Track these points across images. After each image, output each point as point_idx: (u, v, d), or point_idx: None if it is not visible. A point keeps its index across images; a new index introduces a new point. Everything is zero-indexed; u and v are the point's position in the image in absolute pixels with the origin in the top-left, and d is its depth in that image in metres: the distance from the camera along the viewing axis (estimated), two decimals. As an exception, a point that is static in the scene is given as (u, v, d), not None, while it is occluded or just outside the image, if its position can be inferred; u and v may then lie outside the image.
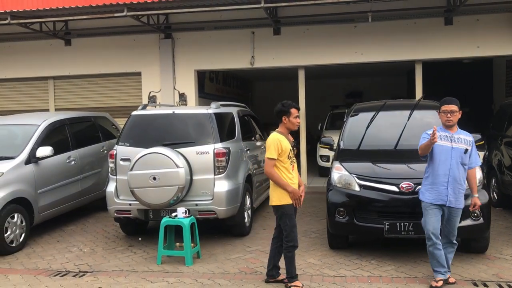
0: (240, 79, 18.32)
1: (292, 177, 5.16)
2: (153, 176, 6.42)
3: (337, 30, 11.06)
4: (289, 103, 5.22)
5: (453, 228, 5.18)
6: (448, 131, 5.16)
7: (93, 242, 7.29)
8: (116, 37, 11.90)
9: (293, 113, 5.15)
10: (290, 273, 5.19)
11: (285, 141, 5.11)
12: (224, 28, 11.45)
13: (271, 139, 5.12)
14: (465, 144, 5.13)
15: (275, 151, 5.03)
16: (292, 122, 5.16)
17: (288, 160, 5.12)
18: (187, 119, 6.98)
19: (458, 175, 5.08)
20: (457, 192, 5.09)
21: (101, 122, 9.65)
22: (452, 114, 5.09)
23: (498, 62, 14.65)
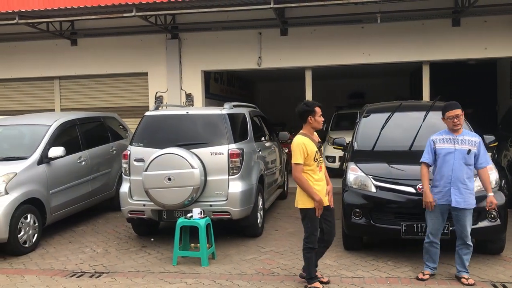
0: (243, 79, 18.33)
1: (318, 178, 5.09)
2: (168, 177, 6.41)
3: (344, 31, 11.08)
4: (312, 102, 5.19)
5: (464, 228, 5.17)
6: (451, 134, 5.27)
7: (105, 242, 7.27)
8: (122, 37, 11.91)
9: (317, 112, 5.09)
10: (309, 274, 5.20)
11: (310, 144, 5.05)
12: (231, 29, 11.47)
13: (295, 143, 5.04)
14: (469, 145, 5.18)
15: (301, 156, 4.97)
16: (318, 121, 5.10)
17: (314, 162, 5.05)
18: (201, 119, 6.97)
19: (462, 175, 5.14)
20: (463, 192, 5.13)
21: (110, 123, 9.63)
22: (458, 118, 5.21)
23: (502, 63, 14.69)
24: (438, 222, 5.28)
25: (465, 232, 5.18)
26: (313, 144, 5.06)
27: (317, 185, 5.05)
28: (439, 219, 5.27)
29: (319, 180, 5.09)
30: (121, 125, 9.99)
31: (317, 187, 5.04)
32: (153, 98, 11.91)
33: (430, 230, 5.33)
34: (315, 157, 5.03)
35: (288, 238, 7.19)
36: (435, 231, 5.30)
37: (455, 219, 5.23)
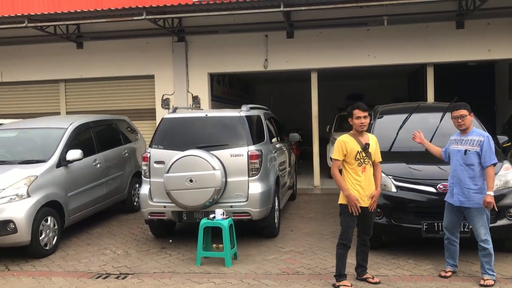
0: (242, 81, 18.42)
1: (360, 179, 5.19)
2: (190, 178, 6.50)
3: (350, 33, 11.23)
4: (353, 105, 5.32)
5: (474, 228, 5.25)
6: (460, 135, 5.45)
7: (124, 244, 7.33)
8: (128, 40, 11.95)
9: (355, 114, 5.22)
10: (338, 271, 5.31)
11: (352, 143, 5.20)
12: (237, 32, 11.57)
13: (337, 140, 5.30)
14: (469, 145, 5.27)
15: (339, 152, 5.19)
16: (355, 123, 5.25)
17: (356, 161, 5.17)
18: (220, 122, 7.07)
19: (463, 175, 5.26)
20: (466, 192, 5.23)
21: (121, 125, 9.69)
22: (463, 119, 5.34)
23: (500, 64, 14.93)
24: (451, 219, 5.41)
25: (476, 232, 5.24)
26: (356, 144, 5.20)
27: (357, 185, 5.17)
28: (451, 216, 5.41)
29: (360, 181, 5.19)
30: (128, 127, 10.03)
31: (357, 187, 5.16)
32: (160, 101, 11.97)
33: (444, 226, 5.52)
34: (356, 157, 5.16)
35: (305, 238, 7.30)
36: (449, 228, 5.44)
37: (467, 218, 5.34)
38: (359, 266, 5.51)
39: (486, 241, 5.21)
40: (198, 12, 10.13)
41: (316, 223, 8.16)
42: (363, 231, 5.40)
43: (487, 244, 5.21)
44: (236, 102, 16.24)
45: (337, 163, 5.23)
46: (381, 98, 18.02)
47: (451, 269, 5.49)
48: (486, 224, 5.25)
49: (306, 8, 9.65)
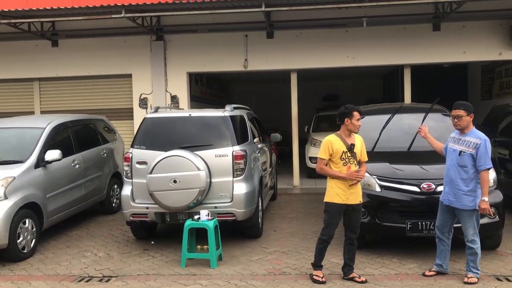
0: (220, 81, 18.34)
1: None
2: (174, 179, 6.41)
3: (329, 34, 11.29)
4: (351, 106, 5.43)
5: (463, 228, 5.30)
6: (459, 134, 5.44)
7: (105, 246, 7.18)
8: (105, 38, 11.73)
9: (355, 116, 5.35)
10: (315, 262, 5.52)
11: (338, 143, 5.32)
12: (217, 31, 11.49)
13: (324, 140, 5.40)
14: (465, 146, 5.25)
15: (325, 152, 5.31)
16: (354, 124, 5.36)
17: (341, 161, 5.31)
18: (204, 122, 7.01)
19: (455, 176, 5.27)
20: (456, 193, 5.25)
21: (99, 125, 9.51)
22: (459, 119, 5.30)
23: (473, 67, 15.30)
24: (443, 219, 5.46)
25: (464, 232, 5.31)
26: (342, 144, 5.32)
27: (341, 184, 5.29)
28: (444, 216, 5.45)
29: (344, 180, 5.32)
30: (105, 127, 9.84)
31: (341, 186, 5.29)
32: (138, 100, 11.80)
33: (436, 224, 5.57)
34: (341, 156, 5.28)
35: (288, 238, 7.30)
36: (440, 227, 5.49)
37: (458, 217, 5.41)
38: (345, 265, 5.56)
39: (473, 241, 5.28)
40: (178, 10, 10.01)
41: (298, 223, 8.17)
42: (350, 229, 5.47)
43: (474, 244, 5.28)
44: (213, 102, 16.17)
45: (323, 162, 5.33)
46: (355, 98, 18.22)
47: (436, 269, 5.53)
48: (475, 225, 5.30)
49: (287, 9, 9.65)
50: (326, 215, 5.42)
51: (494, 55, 10.96)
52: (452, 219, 5.48)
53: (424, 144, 6.65)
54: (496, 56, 10.97)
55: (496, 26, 10.85)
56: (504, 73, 12.86)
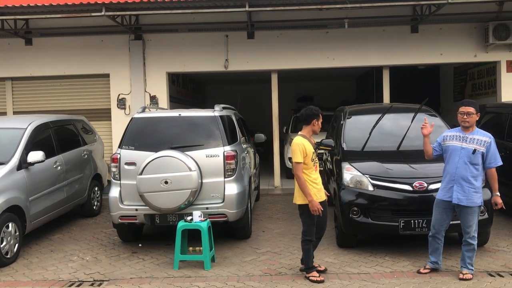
0: (195, 82, 18.20)
1: (315, 178, 5.51)
2: (165, 180, 6.29)
3: (309, 35, 11.35)
4: (317, 108, 5.57)
5: (467, 225, 5.35)
6: (462, 132, 5.43)
7: (91, 250, 6.99)
8: (81, 37, 11.46)
9: (321, 118, 5.56)
10: (307, 264, 5.55)
11: (309, 144, 5.43)
12: (197, 31, 11.38)
13: (295, 143, 5.38)
14: (477, 145, 5.30)
15: (301, 155, 5.32)
16: (319, 126, 5.58)
17: (311, 162, 5.43)
18: (194, 121, 6.90)
19: (466, 174, 5.29)
20: (466, 191, 5.27)
21: (79, 126, 9.26)
22: (469, 116, 5.34)
23: (444, 68, 15.67)
24: (441, 218, 5.47)
25: (467, 229, 5.34)
26: (310, 145, 5.43)
27: (315, 183, 5.45)
28: (442, 214, 5.47)
29: (316, 179, 5.49)
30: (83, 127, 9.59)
31: (314, 185, 5.43)
32: (116, 101, 11.56)
33: (433, 223, 5.57)
34: (312, 157, 5.41)
35: (278, 238, 7.28)
36: (438, 226, 5.51)
37: (459, 215, 5.42)
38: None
39: (474, 237, 5.37)
40: (159, 9, 9.88)
41: (285, 224, 8.16)
42: (320, 226, 5.61)
43: (474, 240, 5.37)
44: (189, 103, 16.03)
45: (300, 166, 5.34)
46: (330, 100, 18.44)
47: (431, 266, 5.59)
48: (477, 222, 5.40)
49: (272, 9, 9.65)
50: (305, 217, 5.46)
51: (469, 57, 11.24)
52: (450, 218, 5.52)
53: (413, 144, 6.80)
54: (472, 58, 11.26)
55: (472, 29, 11.13)
56: (477, 74, 13.23)
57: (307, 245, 5.47)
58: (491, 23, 10.69)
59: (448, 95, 15.62)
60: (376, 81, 15.89)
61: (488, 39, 10.75)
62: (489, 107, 9.32)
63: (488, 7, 10.73)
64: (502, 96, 11.14)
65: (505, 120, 8.17)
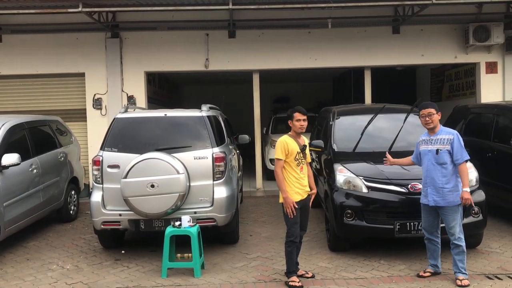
0: (171, 82, 17.82)
1: (299, 177, 5.40)
2: (151, 183, 5.99)
3: (291, 35, 11.19)
4: (293, 108, 5.54)
5: (449, 226, 5.27)
6: (428, 135, 5.47)
7: (70, 258, 6.62)
8: (55, 34, 11.00)
9: (295, 117, 5.43)
10: (289, 268, 5.42)
11: (293, 143, 5.39)
12: (176, 29, 11.07)
13: (278, 141, 5.44)
14: (440, 144, 5.30)
15: (282, 152, 5.33)
16: (295, 125, 5.47)
17: (295, 161, 5.36)
18: (181, 122, 6.62)
19: (436, 175, 5.28)
20: (440, 191, 5.25)
21: (54, 127, 8.82)
22: (430, 116, 5.36)
23: (421, 70, 15.77)
24: (429, 220, 5.43)
25: (451, 230, 5.27)
26: (296, 145, 5.40)
27: (297, 183, 5.36)
28: (428, 217, 5.42)
29: (299, 178, 5.40)
30: (64, 130, 9.19)
31: (297, 184, 5.36)
32: (91, 101, 11.12)
33: (423, 227, 5.54)
34: (296, 157, 5.35)
35: (267, 243, 7.06)
36: (428, 228, 5.45)
37: (441, 217, 5.37)
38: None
39: (460, 239, 5.26)
40: (139, 6, 9.53)
41: (272, 227, 7.95)
42: (302, 227, 5.49)
43: (461, 241, 5.27)
44: (165, 103, 15.64)
45: (280, 162, 5.33)
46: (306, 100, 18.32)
47: (431, 269, 5.49)
48: (460, 222, 5.31)
49: (256, 7, 9.44)
50: (287, 216, 5.33)
51: (450, 58, 11.29)
52: (438, 218, 5.46)
53: (404, 145, 6.70)
54: (452, 59, 11.31)
55: (452, 30, 11.18)
56: (454, 76, 13.33)
57: (290, 247, 5.35)
58: (471, 24, 10.75)
59: (425, 96, 15.68)
60: (354, 82, 15.88)
61: (468, 41, 10.81)
62: (472, 108, 9.35)
63: (468, 9, 10.80)
64: (481, 97, 11.22)
65: (491, 121, 8.17)
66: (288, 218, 5.32)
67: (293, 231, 5.33)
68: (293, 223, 5.32)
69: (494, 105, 8.45)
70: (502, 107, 8.03)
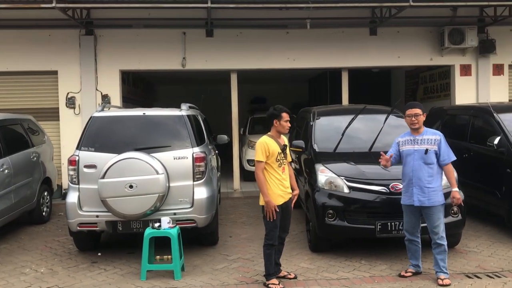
0: (145, 81, 17.56)
1: (281, 178, 5.29)
2: (130, 184, 5.85)
3: (269, 35, 11.12)
4: (280, 107, 5.40)
5: (433, 226, 5.30)
6: (412, 135, 5.44)
7: (44, 261, 6.40)
8: (26, 31, 10.63)
9: (284, 117, 5.33)
10: (268, 271, 5.31)
11: (273, 144, 5.26)
12: (152, 27, 10.88)
13: (258, 142, 5.28)
14: (428, 144, 5.32)
15: (263, 154, 5.19)
16: (283, 126, 5.34)
17: (277, 162, 5.25)
18: (160, 121, 6.47)
19: (422, 175, 5.28)
20: (426, 191, 5.26)
21: (27, 126, 8.55)
22: (417, 117, 5.36)
23: (396, 72, 15.97)
24: (411, 221, 5.43)
25: (434, 230, 5.29)
26: (276, 145, 5.28)
27: (279, 184, 5.25)
28: (411, 218, 5.43)
29: (281, 179, 5.29)
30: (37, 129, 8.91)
31: (280, 186, 5.26)
32: (64, 99, 10.83)
33: (405, 228, 5.53)
34: (277, 158, 5.23)
35: (247, 244, 6.98)
36: (410, 229, 5.46)
37: (424, 217, 5.37)
38: (275, 264, 5.43)
39: (442, 238, 5.29)
40: (114, 3, 9.29)
41: (252, 228, 7.87)
42: (282, 228, 5.41)
43: (444, 240, 5.29)
44: (140, 103, 15.39)
45: (261, 165, 5.19)
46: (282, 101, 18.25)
47: (413, 269, 5.50)
48: (443, 221, 5.34)
49: (235, 6, 9.34)
50: (267, 219, 5.22)
51: (426, 60, 11.42)
52: (420, 219, 5.46)
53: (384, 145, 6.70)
54: (428, 61, 11.46)
55: (428, 33, 11.32)
56: (429, 78, 13.53)
57: (269, 250, 5.26)
58: (446, 27, 10.91)
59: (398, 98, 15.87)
60: (331, 83, 15.95)
61: (444, 43, 10.96)
62: (448, 109, 9.47)
63: (443, 12, 10.95)
64: (456, 99, 11.40)
65: (467, 123, 8.28)
66: (268, 222, 5.22)
67: (272, 235, 5.23)
68: (273, 226, 5.22)
69: (470, 107, 8.57)
70: (478, 109, 8.14)
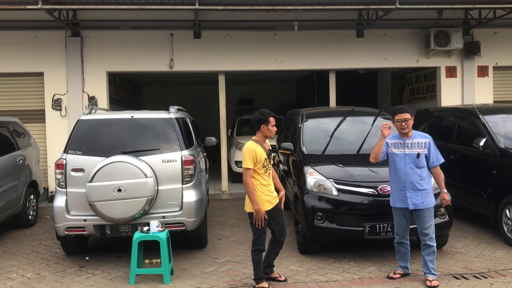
0: (132, 82, 17.45)
1: (267, 183, 5.27)
2: (118, 188, 5.81)
3: (257, 37, 11.15)
4: (267, 111, 5.35)
5: (424, 227, 5.33)
6: (401, 138, 5.45)
7: (31, 265, 6.33)
8: (12, 32, 10.55)
9: (271, 122, 5.29)
10: (257, 275, 5.29)
11: (260, 150, 5.21)
12: (140, 28, 10.83)
13: (245, 148, 5.19)
14: (419, 148, 5.35)
15: (251, 160, 5.12)
16: (270, 130, 5.30)
17: (263, 168, 5.22)
18: (149, 124, 6.44)
19: (415, 178, 5.31)
20: (419, 194, 5.30)
21: (12, 128, 8.45)
22: (406, 122, 5.38)
23: (382, 73, 16.08)
24: (402, 224, 5.46)
25: (425, 231, 5.32)
26: (263, 151, 5.24)
27: (266, 190, 5.23)
28: (402, 221, 5.46)
29: (267, 185, 5.27)
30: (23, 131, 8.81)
31: (266, 192, 5.23)
32: (50, 101, 10.73)
33: (396, 231, 5.55)
34: (264, 164, 5.20)
35: (236, 246, 6.98)
36: (401, 232, 5.49)
37: (416, 219, 5.40)
38: (268, 265, 5.48)
39: (432, 239, 5.33)
40: (101, 4, 9.25)
41: (241, 230, 7.87)
42: (279, 232, 5.40)
43: (434, 242, 5.34)
44: (128, 104, 15.30)
45: (249, 172, 5.12)
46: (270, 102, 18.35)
47: (401, 271, 5.54)
48: (433, 222, 5.39)
49: (223, 8, 9.33)
50: (255, 226, 5.19)
51: (412, 61, 11.53)
52: (409, 222, 5.49)
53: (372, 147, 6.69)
54: (414, 63, 11.56)
55: (414, 35, 11.43)
56: (415, 79, 13.64)
57: (257, 255, 5.25)
58: (432, 29, 11.02)
59: (386, 99, 15.96)
60: (318, 84, 16.00)
61: (430, 45, 11.08)
62: (434, 111, 9.56)
63: (429, 14, 11.06)
64: (442, 101, 11.52)
65: (453, 124, 8.37)
66: (256, 228, 5.20)
67: (260, 240, 5.21)
68: (261, 232, 5.19)
69: (456, 109, 8.66)
70: (464, 111, 8.24)
